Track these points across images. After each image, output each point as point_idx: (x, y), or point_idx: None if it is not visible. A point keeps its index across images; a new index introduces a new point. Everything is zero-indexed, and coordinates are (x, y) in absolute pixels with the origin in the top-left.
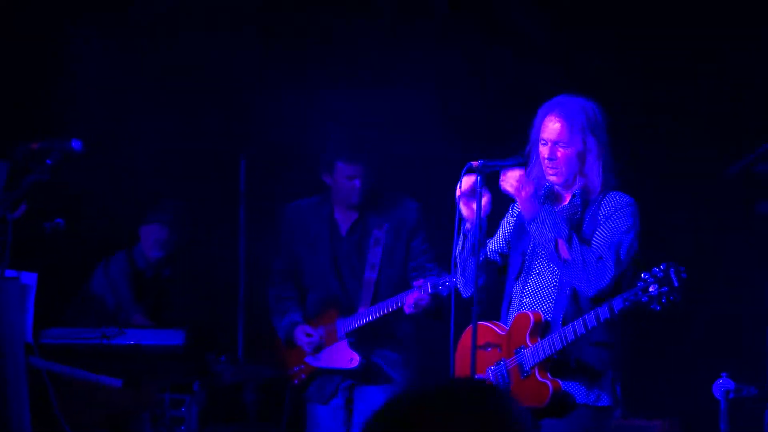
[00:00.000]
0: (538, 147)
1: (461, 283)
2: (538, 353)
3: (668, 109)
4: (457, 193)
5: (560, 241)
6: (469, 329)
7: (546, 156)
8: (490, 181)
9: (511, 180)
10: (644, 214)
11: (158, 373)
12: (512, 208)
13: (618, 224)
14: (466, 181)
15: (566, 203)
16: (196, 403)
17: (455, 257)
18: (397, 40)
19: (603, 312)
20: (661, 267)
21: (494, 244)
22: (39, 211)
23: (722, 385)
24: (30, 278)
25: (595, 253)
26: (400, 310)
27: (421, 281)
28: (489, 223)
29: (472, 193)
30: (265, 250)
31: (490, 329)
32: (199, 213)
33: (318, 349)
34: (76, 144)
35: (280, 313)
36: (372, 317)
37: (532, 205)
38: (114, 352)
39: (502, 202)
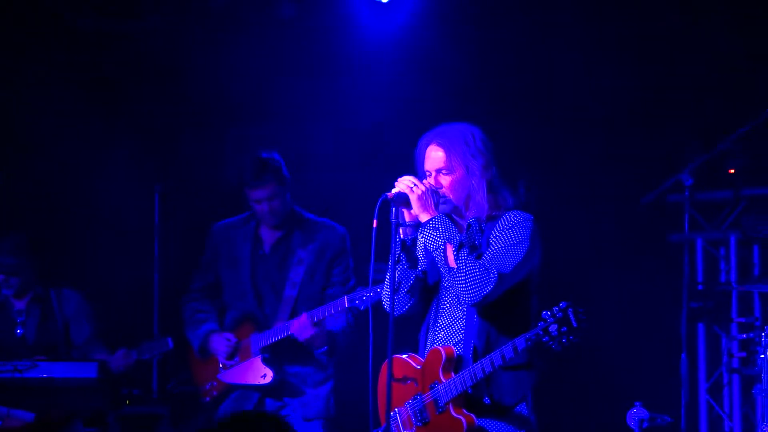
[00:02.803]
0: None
1: (389, 298)
2: (451, 389)
3: (584, 138)
4: (374, 224)
5: (449, 247)
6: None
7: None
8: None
9: (405, 181)
10: (557, 242)
11: (71, 406)
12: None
13: (508, 237)
14: (396, 188)
15: (463, 232)
16: None
17: (390, 277)
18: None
19: (507, 351)
20: (561, 306)
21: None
22: None
23: (636, 414)
24: None
25: (483, 264)
26: (318, 323)
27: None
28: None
29: (399, 199)
30: (180, 281)
31: (407, 363)
32: (114, 245)
33: (232, 358)
34: None
35: (196, 323)
36: (284, 334)
37: (425, 206)
38: (26, 385)
39: None
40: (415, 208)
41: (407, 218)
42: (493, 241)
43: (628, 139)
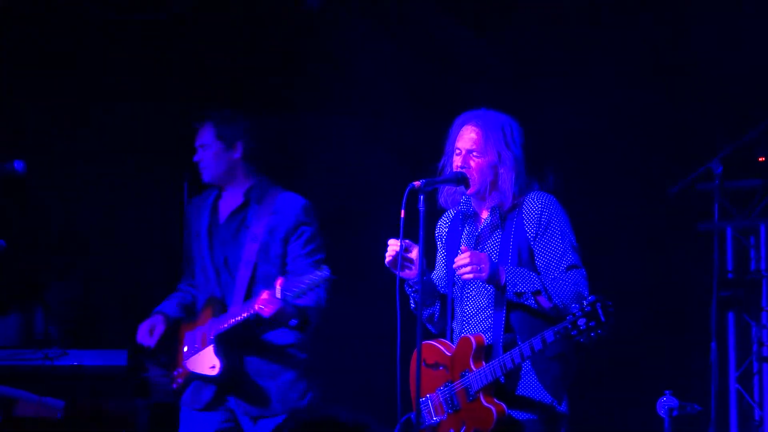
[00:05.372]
0: (452, 158)
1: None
2: (481, 378)
3: (612, 128)
4: (401, 214)
5: (540, 296)
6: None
7: (459, 165)
8: (430, 202)
9: (468, 270)
10: (588, 232)
11: (101, 394)
12: (439, 238)
13: (559, 239)
14: (391, 249)
15: (485, 218)
16: (138, 424)
17: (419, 256)
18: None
19: (536, 343)
20: (590, 300)
21: (439, 279)
22: None
23: (666, 402)
24: None
25: (563, 285)
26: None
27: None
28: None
29: (395, 264)
30: None
31: (437, 349)
32: (142, 235)
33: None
34: (18, 165)
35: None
36: (237, 319)
37: (496, 273)
38: (56, 373)
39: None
40: (490, 282)
41: (411, 274)
42: (544, 247)
43: (657, 127)
